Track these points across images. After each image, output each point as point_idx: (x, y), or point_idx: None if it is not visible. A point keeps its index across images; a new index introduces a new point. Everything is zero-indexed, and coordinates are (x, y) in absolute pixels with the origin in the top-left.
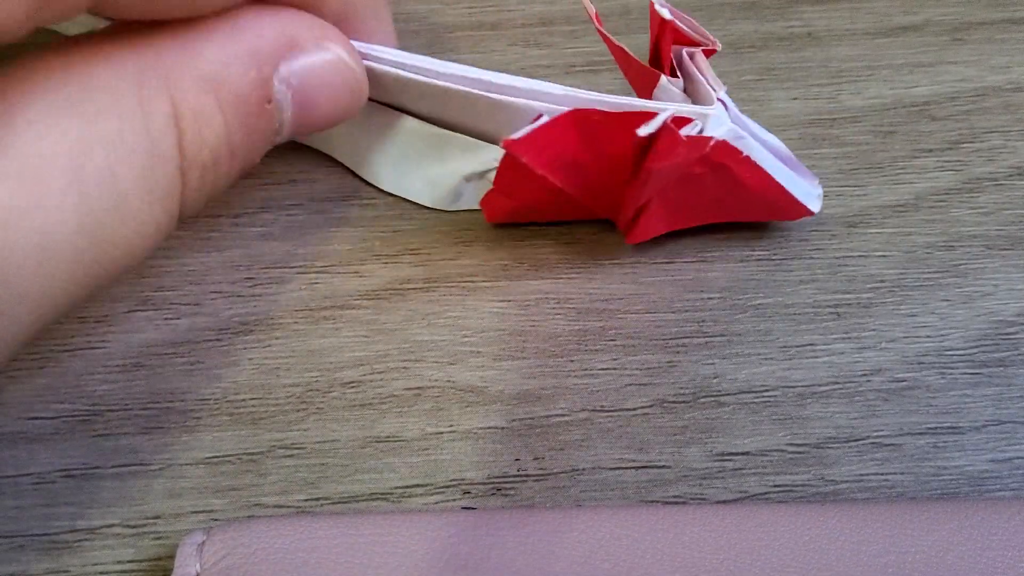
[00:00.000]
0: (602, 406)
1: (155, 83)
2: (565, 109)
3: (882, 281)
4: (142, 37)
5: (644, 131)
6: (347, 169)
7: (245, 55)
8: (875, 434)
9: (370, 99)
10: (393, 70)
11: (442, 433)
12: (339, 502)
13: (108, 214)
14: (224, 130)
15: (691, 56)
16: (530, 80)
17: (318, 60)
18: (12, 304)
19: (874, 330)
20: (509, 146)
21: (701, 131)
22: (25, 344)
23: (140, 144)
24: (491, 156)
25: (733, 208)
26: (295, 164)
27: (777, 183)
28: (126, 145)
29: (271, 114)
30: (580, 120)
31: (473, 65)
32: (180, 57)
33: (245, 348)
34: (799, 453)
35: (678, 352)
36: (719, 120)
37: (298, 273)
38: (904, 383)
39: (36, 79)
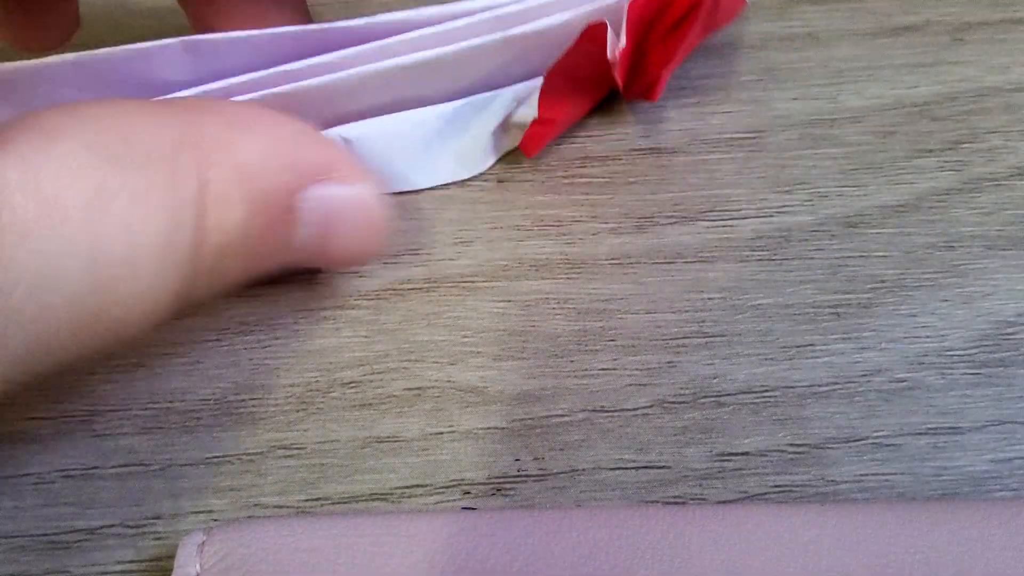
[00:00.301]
0: (602, 406)
1: (191, 155)
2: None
3: (882, 281)
4: (190, 112)
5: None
6: None
7: (282, 161)
8: (875, 434)
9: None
10: (348, 73)
11: (442, 433)
12: (339, 502)
13: (117, 267)
14: (244, 222)
15: None
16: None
17: (349, 192)
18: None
19: (874, 330)
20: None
21: None
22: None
23: (163, 207)
24: (507, 98)
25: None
26: None
27: None
28: (150, 203)
29: (291, 225)
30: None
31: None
32: (221, 141)
33: (245, 348)
34: (799, 453)
35: (678, 352)
36: None
37: (298, 273)
38: (904, 383)
39: (79, 117)
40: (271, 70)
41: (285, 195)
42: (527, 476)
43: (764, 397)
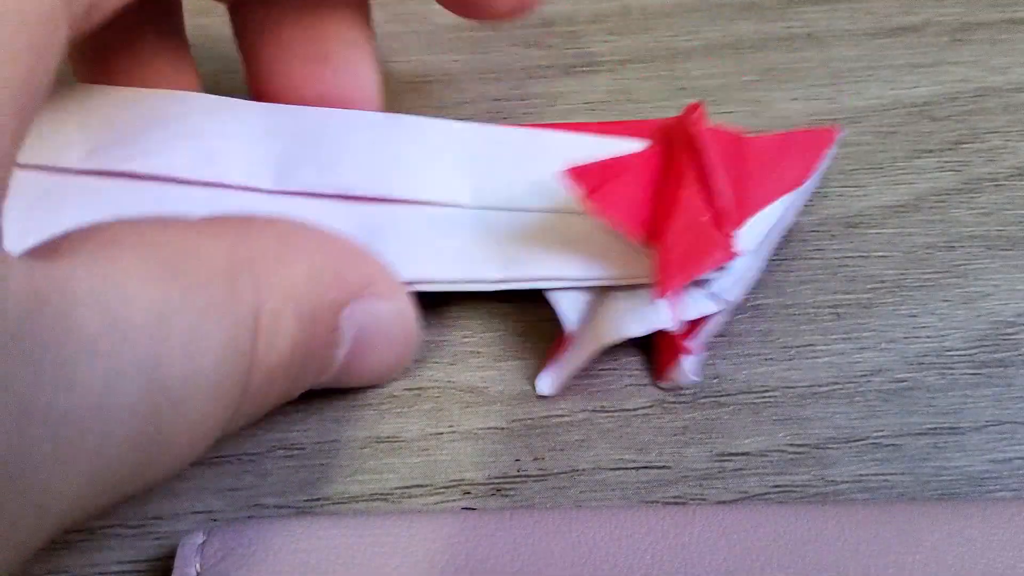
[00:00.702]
0: (602, 406)
1: (247, 276)
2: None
3: (882, 281)
4: (242, 228)
5: None
6: None
7: (329, 279)
8: (875, 434)
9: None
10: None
11: (442, 433)
12: (339, 503)
13: (176, 390)
14: (292, 344)
15: None
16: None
17: (388, 307)
18: (62, 461)
19: (874, 330)
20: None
21: None
22: (56, 528)
23: (223, 326)
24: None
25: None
26: None
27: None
28: (210, 323)
29: (333, 343)
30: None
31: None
32: (273, 259)
33: None
34: (799, 453)
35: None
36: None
37: None
38: (904, 383)
39: (139, 231)
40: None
41: (331, 314)
42: (527, 476)
43: (764, 397)
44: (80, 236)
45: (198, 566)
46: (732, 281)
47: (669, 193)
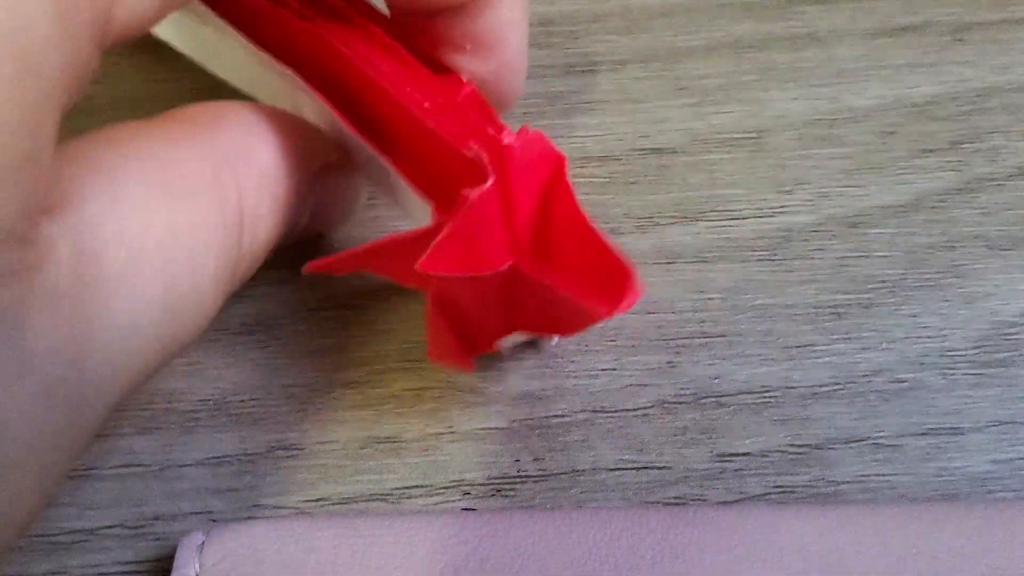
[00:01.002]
0: (602, 407)
1: (229, 178)
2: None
3: (883, 282)
4: (211, 131)
5: None
6: None
7: (295, 162)
8: (876, 435)
9: None
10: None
11: (442, 434)
12: (339, 503)
13: (187, 297)
14: (268, 229)
15: None
16: None
17: (342, 179)
18: (114, 368)
19: (875, 331)
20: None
21: None
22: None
23: (216, 234)
24: None
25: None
26: None
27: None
28: (207, 230)
29: (299, 215)
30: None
31: None
32: (245, 154)
33: (245, 348)
34: (800, 454)
35: (679, 353)
36: None
37: (298, 274)
38: (905, 384)
39: (132, 156)
40: None
41: (297, 195)
42: (527, 476)
43: (765, 397)
44: (83, 177)
45: (197, 566)
46: None
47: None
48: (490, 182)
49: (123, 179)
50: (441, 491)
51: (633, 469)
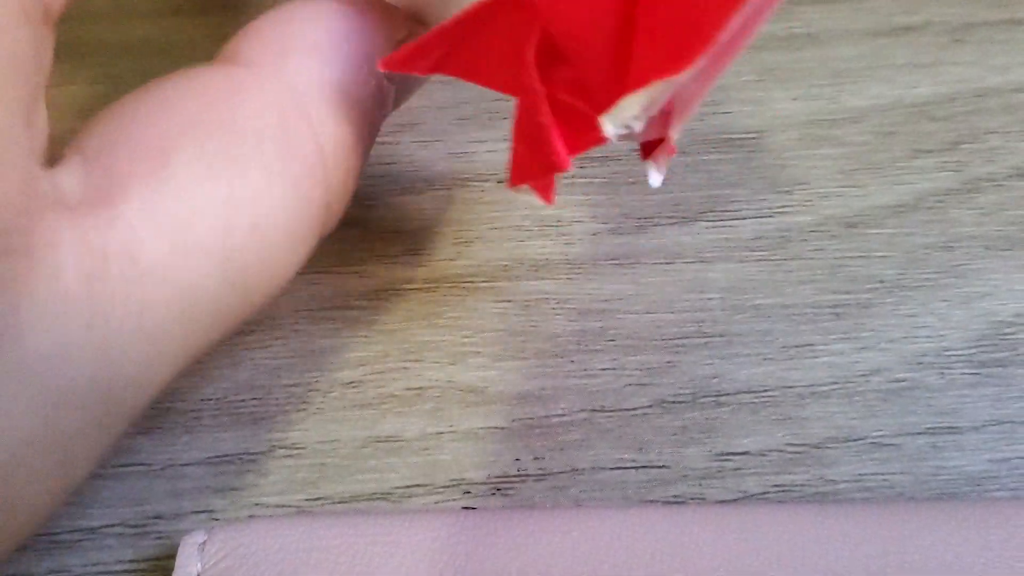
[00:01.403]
0: (602, 406)
1: (297, 120)
2: None
3: (882, 281)
4: (269, 67)
5: None
6: None
7: (364, 65)
8: (874, 434)
9: None
10: None
11: (442, 433)
12: (339, 502)
13: (253, 267)
14: (357, 148)
15: None
16: None
17: (410, 41)
18: (152, 360)
19: (873, 330)
20: None
21: None
22: (159, 393)
23: (287, 195)
24: None
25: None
26: None
27: None
28: (273, 199)
29: (384, 116)
30: None
31: None
32: (311, 81)
33: (245, 348)
34: (798, 453)
35: (678, 352)
36: None
37: (298, 273)
38: (903, 383)
39: (184, 124)
40: None
41: (377, 95)
42: (527, 476)
43: (764, 397)
44: (132, 157)
45: (199, 566)
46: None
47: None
48: None
49: (170, 159)
50: (441, 490)
51: (633, 468)
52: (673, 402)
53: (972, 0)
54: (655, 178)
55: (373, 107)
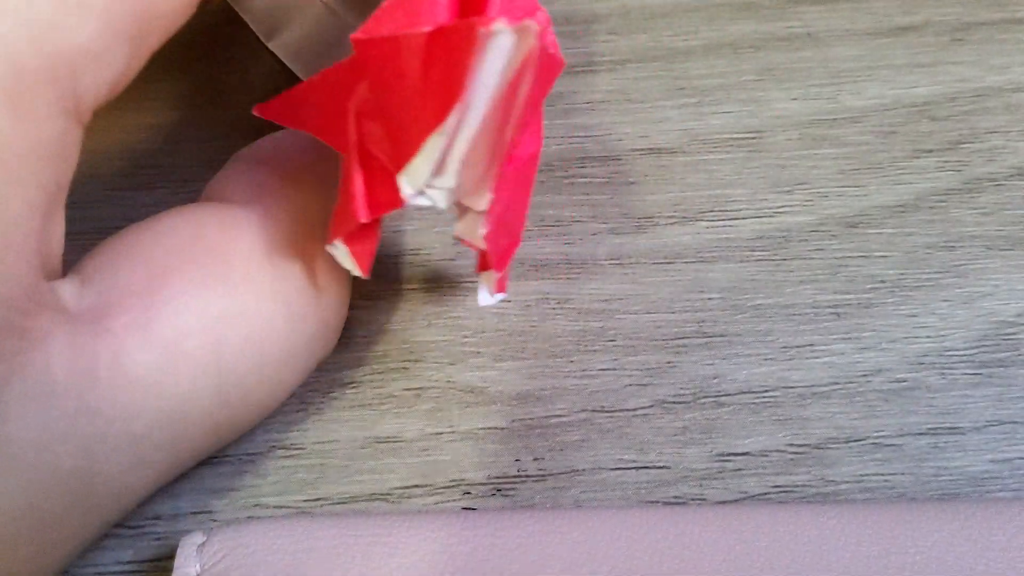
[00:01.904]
0: (602, 407)
1: (286, 250)
2: None
3: (882, 281)
4: (259, 201)
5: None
6: None
7: (334, 189)
8: (875, 434)
9: None
10: None
11: (442, 433)
12: (339, 503)
13: (249, 383)
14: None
15: None
16: None
17: None
18: (136, 464)
19: (874, 330)
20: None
21: None
22: (144, 497)
23: (279, 313)
24: None
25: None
26: None
27: None
28: (263, 315)
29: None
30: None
31: None
32: (294, 214)
33: None
34: (799, 454)
35: (678, 352)
36: None
37: None
38: (904, 383)
39: (176, 249)
40: None
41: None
42: (527, 476)
43: (764, 397)
44: (125, 272)
45: (198, 566)
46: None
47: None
48: None
49: (161, 281)
50: (441, 491)
51: (633, 469)
52: (673, 402)
53: (972, 0)
54: (483, 297)
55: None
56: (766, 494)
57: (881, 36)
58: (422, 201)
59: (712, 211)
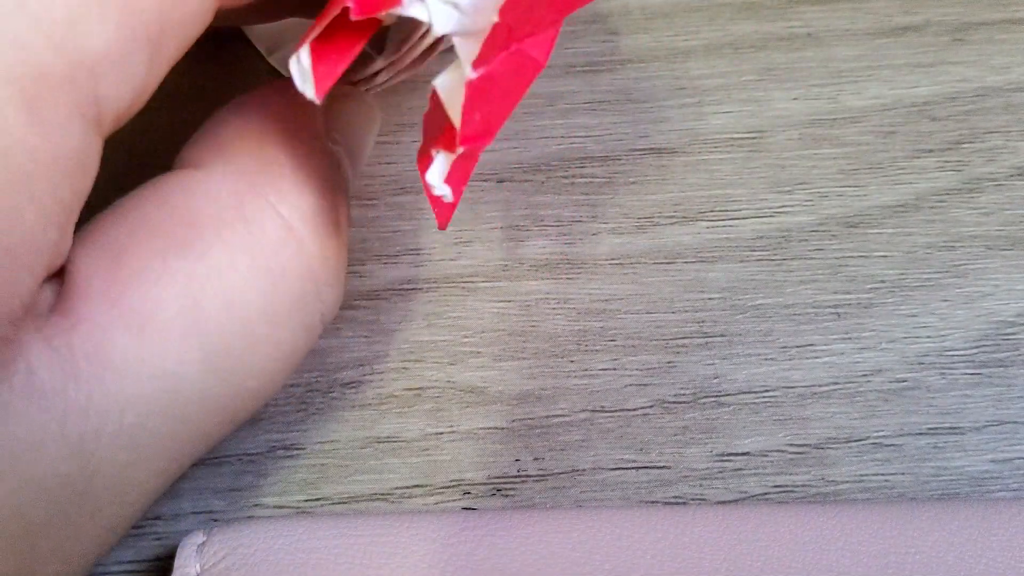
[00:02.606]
0: (602, 406)
1: (255, 202)
2: None
3: (882, 281)
4: (224, 161)
5: None
6: None
7: (307, 135)
8: (875, 434)
9: None
10: None
11: (442, 433)
12: (339, 503)
13: (236, 349)
14: (329, 215)
15: None
16: None
17: (349, 105)
18: (133, 460)
19: (874, 330)
20: None
21: None
22: (145, 504)
23: (257, 268)
24: None
25: None
26: None
27: None
28: (240, 273)
29: (345, 179)
30: None
31: None
32: (261, 165)
33: None
34: (799, 454)
35: (678, 352)
36: None
37: None
38: (904, 383)
39: (139, 223)
40: None
41: (325, 165)
42: (527, 476)
43: (764, 397)
44: (87, 263)
45: (198, 566)
46: None
47: None
48: None
49: (130, 256)
50: (441, 491)
51: (633, 469)
52: (674, 402)
53: (972, 0)
54: (432, 177)
55: (329, 172)
56: (766, 494)
57: (881, 36)
58: (417, 10)
59: (712, 211)
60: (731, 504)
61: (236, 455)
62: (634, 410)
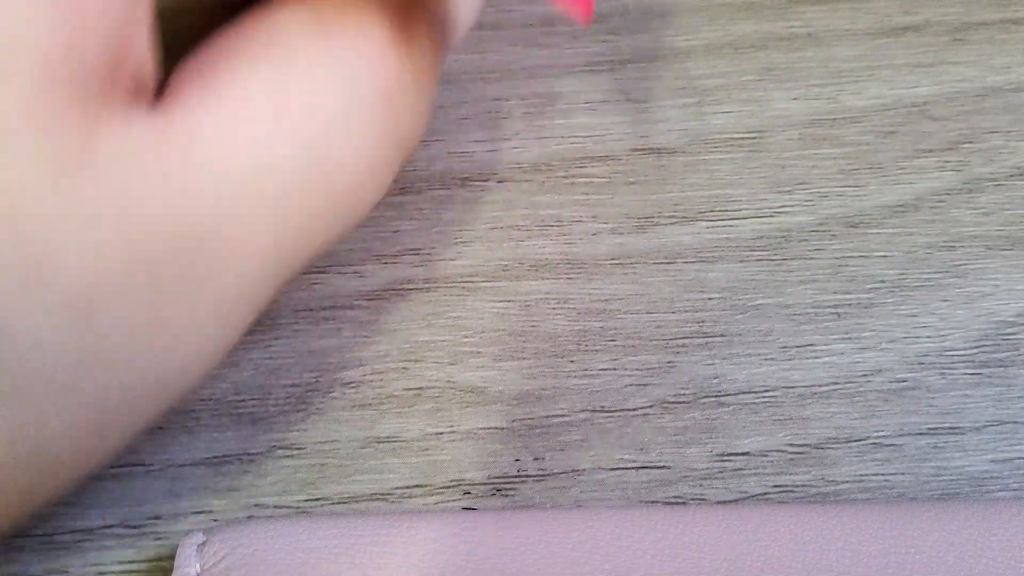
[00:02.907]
0: (602, 406)
1: (336, 19)
2: None
3: (882, 281)
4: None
5: None
6: None
7: None
8: (875, 434)
9: None
10: None
11: (442, 433)
12: (339, 502)
13: (318, 145)
14: (418, 28)
15: None
16: None
17: None
18: (244, 216)
19: (874, 330)
20: None
21: None
22: (258, 310)
23: (336, 76)
24: None
25: None
26: None
27: None
28: (320, 81)
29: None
30: None
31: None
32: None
33: (245, 348)
34: (799, 453)
35: (678, 352)
36: None
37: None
38: (904, 383)
39: (225, 44)
40: None
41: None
42: (527, 476)
43: (764, 397)
44: (183, 80)
45: (198, 566)
46: None
47: None
48: None
49: (219, 68)
50: (441, 491)
51: (633, 469)
52: (674, 402)
53: (972, 0)
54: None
55: (415, 7)
56: (766, 494)
57: (881, 36)
58: None
59: (712, 211)
60: (731, 504)
61: (237, 454)
62: (634, 410)
